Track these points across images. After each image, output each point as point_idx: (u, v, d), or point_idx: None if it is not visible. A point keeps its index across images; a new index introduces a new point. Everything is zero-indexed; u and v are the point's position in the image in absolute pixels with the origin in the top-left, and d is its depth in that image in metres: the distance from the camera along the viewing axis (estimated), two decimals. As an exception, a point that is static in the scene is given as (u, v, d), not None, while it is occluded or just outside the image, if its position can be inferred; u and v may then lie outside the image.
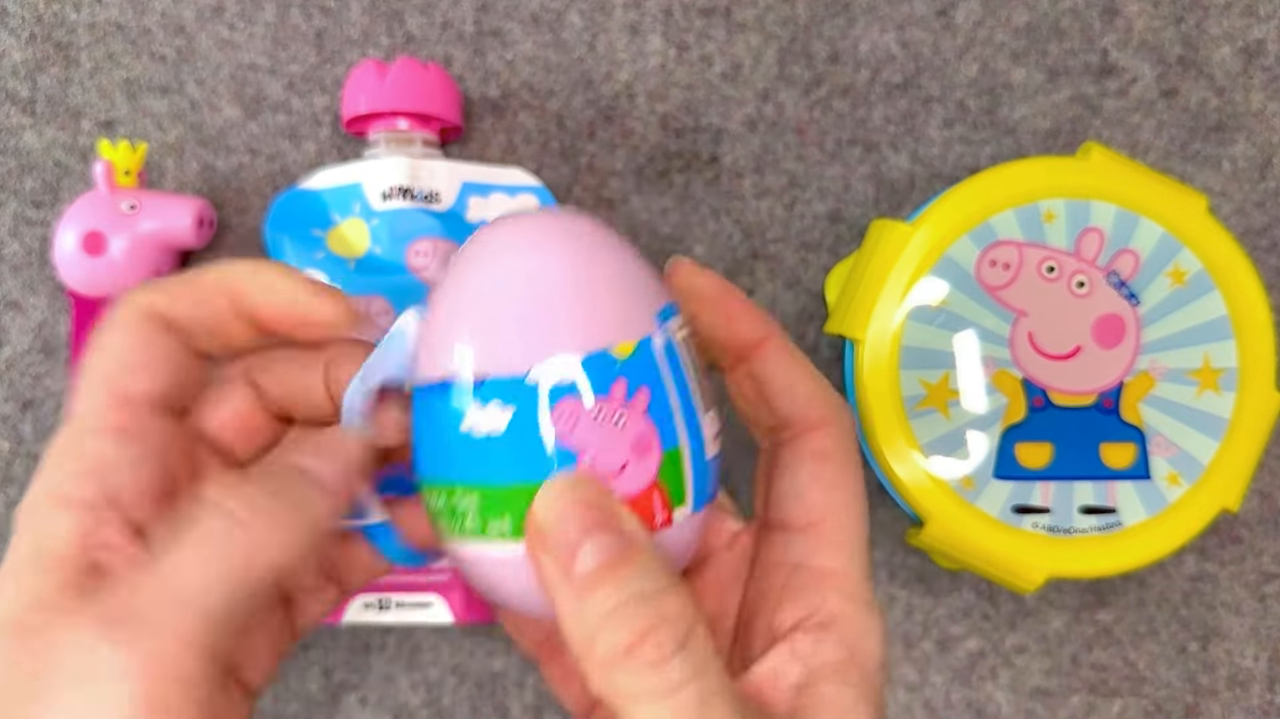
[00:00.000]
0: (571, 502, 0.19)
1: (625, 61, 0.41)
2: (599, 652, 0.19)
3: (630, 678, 0.19)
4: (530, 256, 0.22)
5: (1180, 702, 0.40)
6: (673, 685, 0.18)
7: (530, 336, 0.21)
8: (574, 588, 0.19)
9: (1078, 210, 0.34)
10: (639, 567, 0.19)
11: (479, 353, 0.21)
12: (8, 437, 0.40)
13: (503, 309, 0.21)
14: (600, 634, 0.19)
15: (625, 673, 0.19)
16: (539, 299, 0.21)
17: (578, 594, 0.19)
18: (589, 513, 0.19)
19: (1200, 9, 0.41)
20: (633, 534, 0.20)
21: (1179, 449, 0.34)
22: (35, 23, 0.41)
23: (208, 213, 0.39)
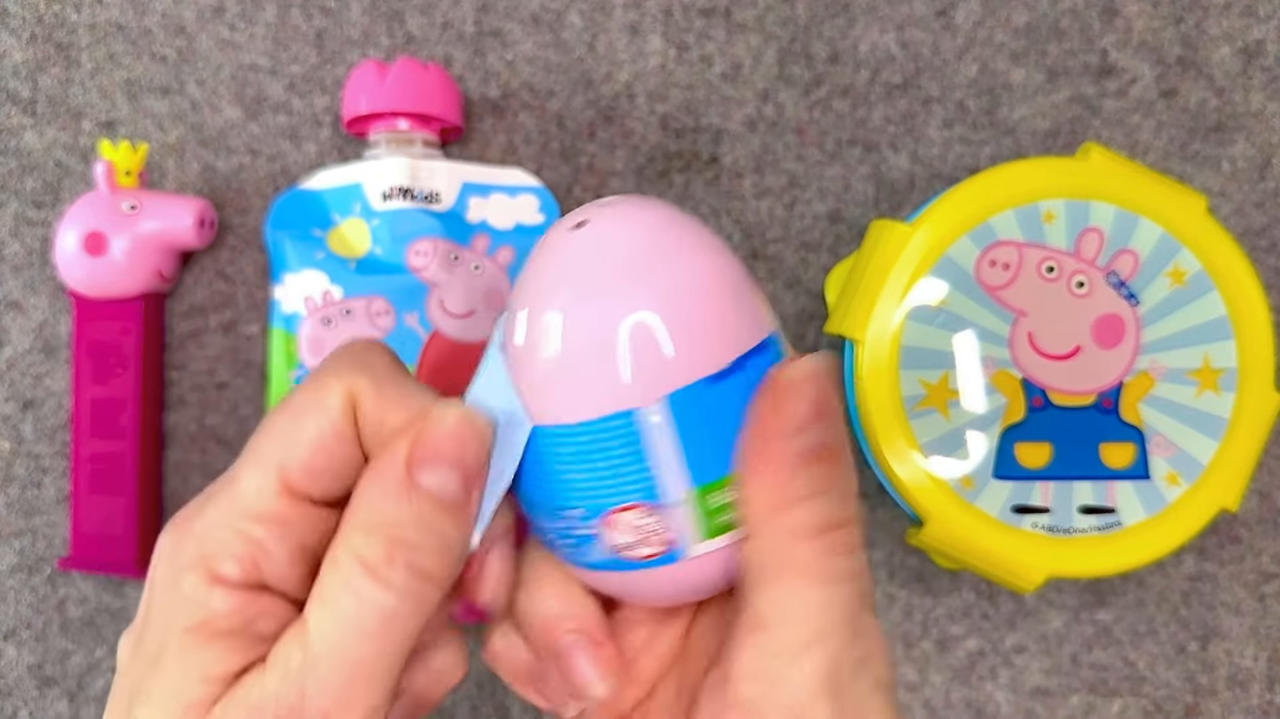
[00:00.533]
0: (821, 383, 0.20)
1: (625, 61, 0.41)
2: (788, 522, 0.20)
3: (810, 555, 0.20)
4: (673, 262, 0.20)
5: (1180, 701, 0.40)
6: (842, 575, 0.20)
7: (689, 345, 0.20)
8: (797, 452, 0.20)
9: (1077, 210, 0.34)
10: (847, 466, 0.20)
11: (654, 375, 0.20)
12: (8, 436, 0.40)
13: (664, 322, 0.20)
14: (804, 504, 0.20)
15: (810, 548, 0.20)
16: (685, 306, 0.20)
17: (800, 459, 0.20)
18: (828, 401, 0.20)
19: (1200, 9, 0.41)
20: (843, 441, 0.20)
21: (1178, 449, 0.34)
22: (36, 23, 0.41)
23: (208, 213, 0.40)
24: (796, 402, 0.20)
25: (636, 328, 0.20)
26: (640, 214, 0.21)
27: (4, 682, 0.40)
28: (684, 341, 0.20)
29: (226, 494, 0.21)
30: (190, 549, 0.20)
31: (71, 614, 0.40)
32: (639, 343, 0.20)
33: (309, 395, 0.21)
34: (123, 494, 0.39)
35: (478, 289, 0.39)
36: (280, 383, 0.39)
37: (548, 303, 0.20)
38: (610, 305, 0.20)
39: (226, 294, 0.41)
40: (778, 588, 0.20)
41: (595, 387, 0.20)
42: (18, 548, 0.40)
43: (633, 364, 0.20)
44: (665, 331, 0.20)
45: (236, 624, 0.20)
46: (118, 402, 0.39)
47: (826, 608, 0.20)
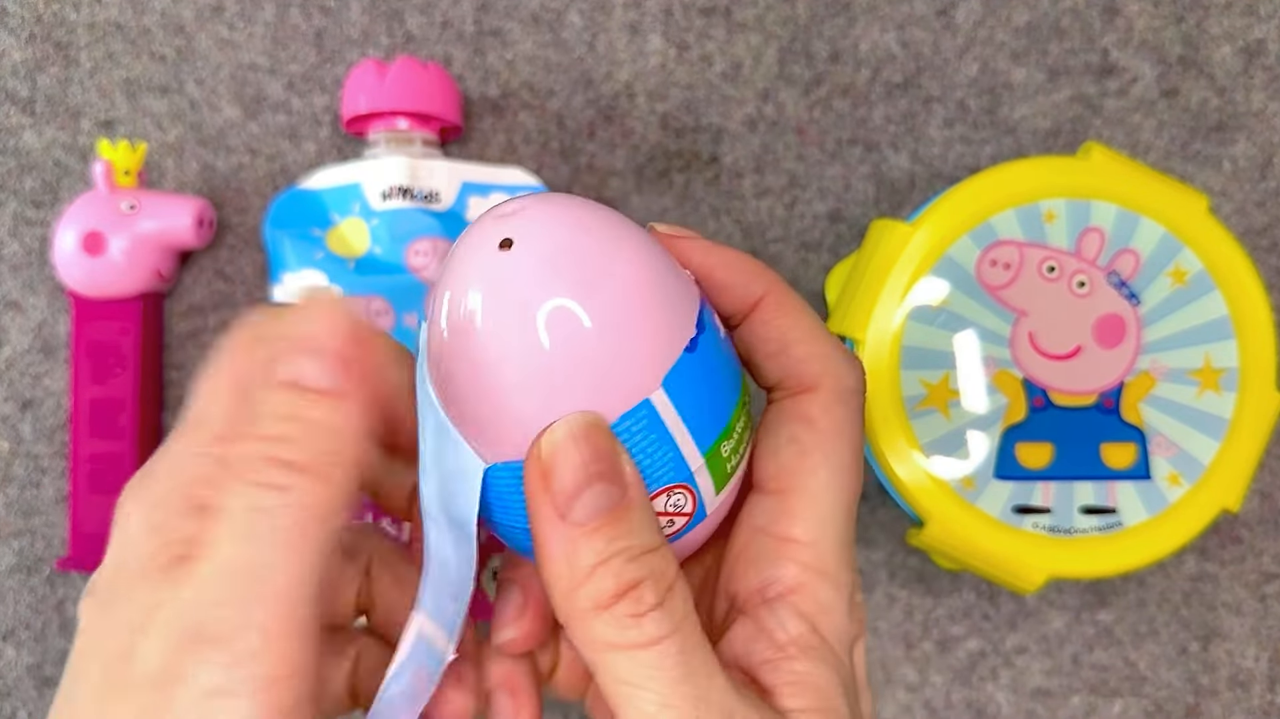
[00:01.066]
0: (580, 446, 0.19)
1: (625, 61, 0.41)
2: (581, 601, 0.19)
3: (609, 629, 0.19)
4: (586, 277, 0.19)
5: (1181, 702, 0.40)
6: (650, 638, 0.19)
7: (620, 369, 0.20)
8: (567, 534, 0.19)
9: (1078, 210, 0.34)
10: (632, 523, 0.19)
11: (649, 361, 0.20)
12: (8, 436, 0.40)
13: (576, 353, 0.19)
14: (586, 584, 0.19)
15: (604, 624, 0.19)
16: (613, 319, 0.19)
17: (569, 540, 0.19)
18: (595, 461, 0.19)
19: (1200, 9, 0.41)
20: (631, 487, 0.19)
21: (1179, 449, 0.34)
22: (35, 22, 0.41)
23: (208, 213, 0.39)
24: (561, 473, 0.19)
25: (619, 324, 0.19)
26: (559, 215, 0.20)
27: (3, 682, 0.40)
28: (660, 321, 0.20)
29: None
30: (164, 482, 0.20)
31: (71, 614, 0.40)
32: (627, 336, 0.19)
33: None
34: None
35: (477, 289, 0.39)
36: (279, 383, 0.39)
37: (504, 323, 0.19)
38: (581, 309, 0.19)
39: (226, 294, 0.41)
40: (602, 670, 0.19)
41: (609, 389, 0.19)
42: (17, 548, 0.40)
43: (628, 357, 0.19)
44: (645, 319, 0.20)
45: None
46: (117, 401, 0.39)
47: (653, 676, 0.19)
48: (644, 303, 0.19)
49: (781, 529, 0.22)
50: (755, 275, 0.22)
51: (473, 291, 0.19)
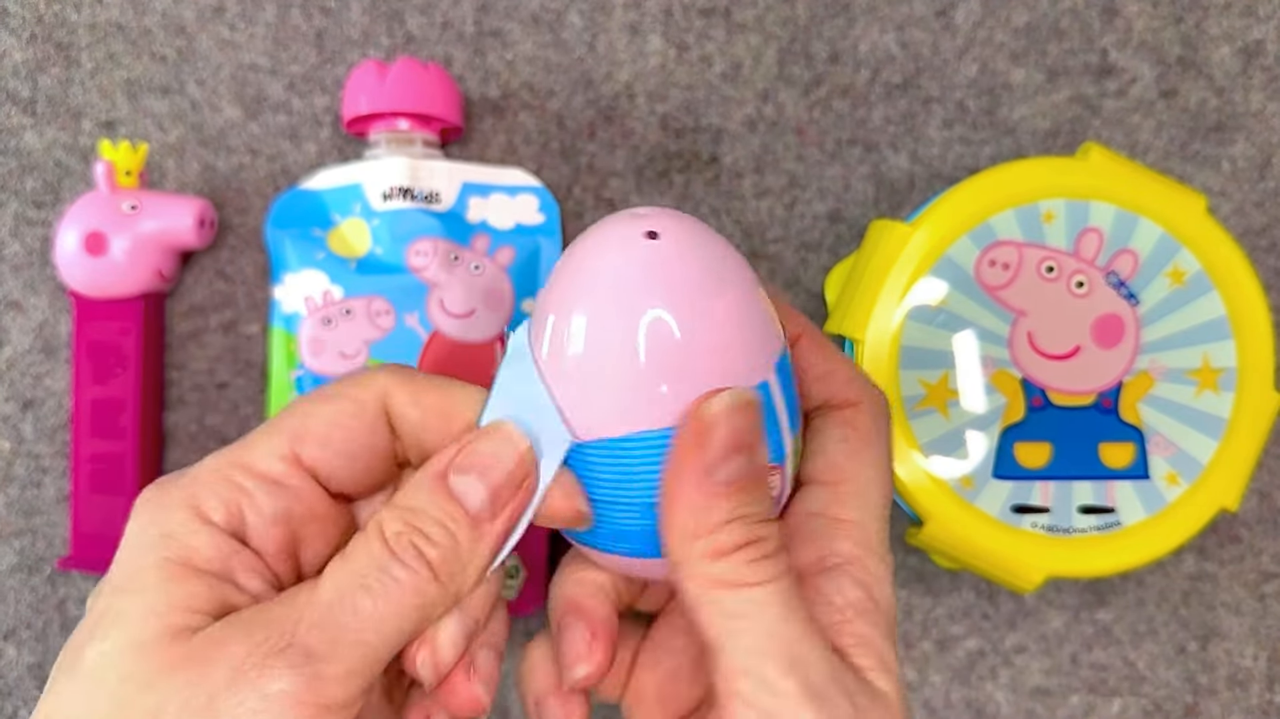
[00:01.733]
0: (738, 417, 0.21)
1: (625, 61, 0.41)
2: (703, 546, 0.21)
3: (726, 567, 0.21)
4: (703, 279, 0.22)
5: (1180, 701, 0.40)
6: (764, 577, 0.21)
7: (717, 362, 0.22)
8: (708, 490, 0.21)
9: (1077, 210, 0.34)
10: (759, 494, 0.22)
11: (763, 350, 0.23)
12: (8, 436, 0.40)
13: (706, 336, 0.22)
14: (717, 533, 0.21)
15: (722, 564, 0.21)
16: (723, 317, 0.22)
17: (712, 493, 0.21)
18: (746, 433, 0.21)
19: (1200, 9, 0.41)
20: (761, 462, 0.22)
21: (1178, 449, 0.34)
22: (36, 23, 0.41)
23: (208, 213, 0.40)
24: (716, 437, 0.21)
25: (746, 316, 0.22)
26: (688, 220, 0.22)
27: (4, 682, 0.40)
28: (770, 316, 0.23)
29: (229, 452, 0.22)
30: (176, 494, 0.21)
31: (71, 614, 0.40)
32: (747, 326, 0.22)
33: (339, 384, 0.23)
34: (123, 494, 0.39)
35: (478, 289, 0.39)
36: (280, 383, 0.39)
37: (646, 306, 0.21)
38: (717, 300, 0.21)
39: (226, 294, 0.41)
40: (709, 607, 0.21)
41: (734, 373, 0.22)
42: (18, 548, 0.40)
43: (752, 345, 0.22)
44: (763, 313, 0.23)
45: (216, 566, 0.21)
46: (118, 401, 0.39)
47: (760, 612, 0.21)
48: (761, 299, 0.23)
49: (835, 512, 0.24)
50: (789, 316, 0.25)
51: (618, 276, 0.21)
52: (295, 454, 0.22)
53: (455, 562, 0.22)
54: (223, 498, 0.22)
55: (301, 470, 0.22)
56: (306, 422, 0.22)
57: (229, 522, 0.22)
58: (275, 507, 0.22)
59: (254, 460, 0.22)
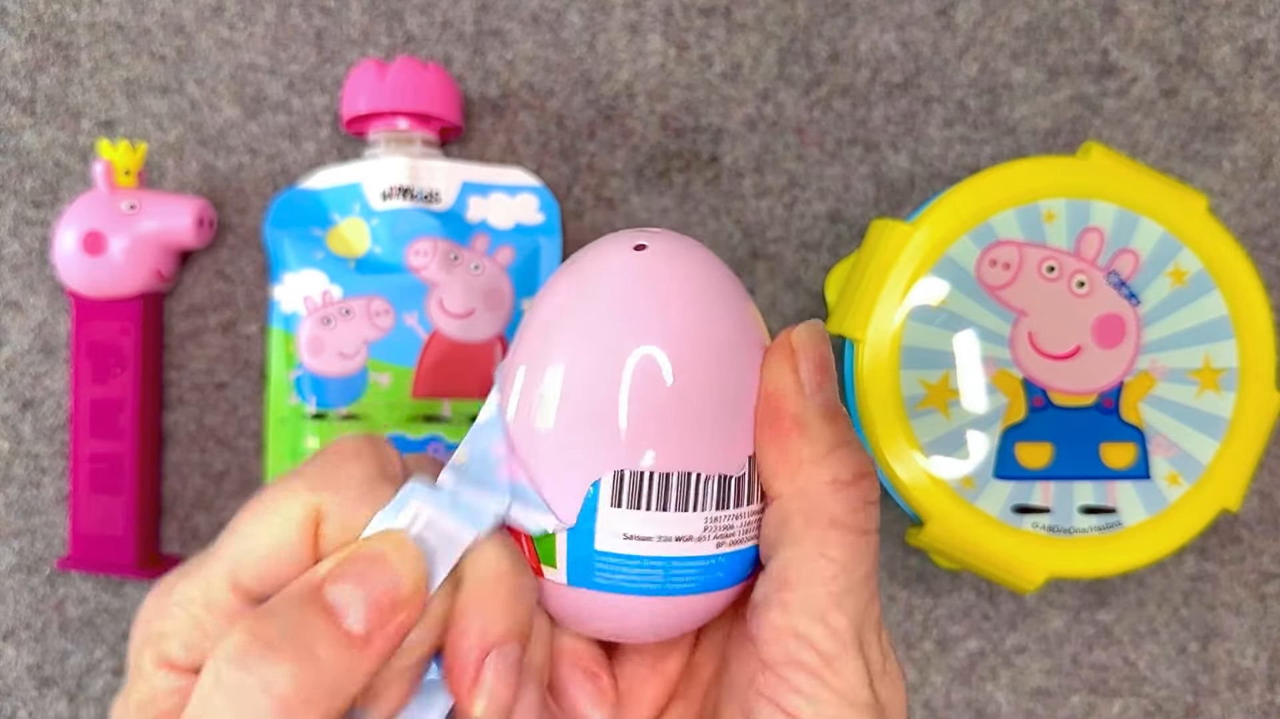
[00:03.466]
0: (824, 344, 0.21)
1: (625, 61, 0.41)
2: (820, 474, 0.21)
3: (841, 506, 0.20)
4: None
5: (1180, 702, 0.40)
6: (869, 527, 0.21)
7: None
8: (818, 409, 0.21)
9: (1078, 210, 0.34)
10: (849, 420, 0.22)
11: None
12: (7, 436, 0.40)
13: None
14: (831, 458, 0.21)
15: (839, 501, 0.20)
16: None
17: (822, 414, 0.21)
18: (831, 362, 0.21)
19: (1200, 9, 0.41)
20: None
21: (1179, 449, 0.34)
22: (35, 23, 0.41)
23: (208, 213, 0.39)
24: (809, 362, 0.21)
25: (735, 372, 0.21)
26: (690, 252, 0.22)
27: (3, 682, 0.40)
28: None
29: (195, 575, 0.20)
30: (154, 624, 0.20)
31: (71, 614, 0.40)
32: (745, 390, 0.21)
33: (275, 499, 0.20)
34: (122, 494, 0.39)
35: (477, 289, 0.39)
36: (279, 382, 0.39)
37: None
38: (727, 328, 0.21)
39: (226, 294, 0.41)
40: (807, 543, 0.20)
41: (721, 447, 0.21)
42: (17, 548, 0.40)
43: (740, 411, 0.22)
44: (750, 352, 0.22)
45: (175, 705, 0.20)
46: (117, 401, 0.39)
47: (855, 562, 0.20)
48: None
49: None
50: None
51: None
52: (237, 585, 0.20)
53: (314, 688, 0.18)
54: (183, 639, 0.20)
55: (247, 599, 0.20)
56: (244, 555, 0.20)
57: (189, 661, 0.20)
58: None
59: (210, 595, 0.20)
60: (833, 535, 0.20)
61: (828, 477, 0.20)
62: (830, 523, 0.20)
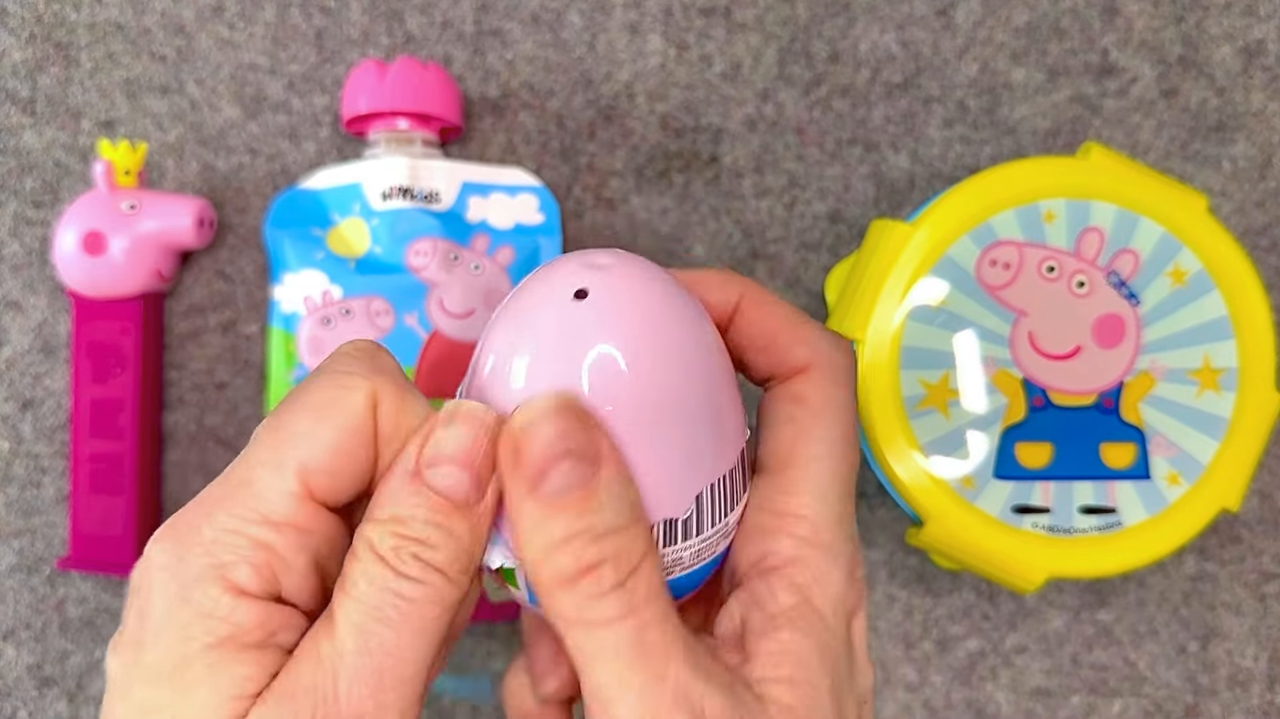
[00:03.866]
0: (553, 422, 0.19)
1: (625, 61, 0.41)
2: (545, 574, 0.20)
3: (570, 604, 0.20)
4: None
5: (1180, 702, 0.40)
6: (607, 618, 0.20)
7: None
8: (536, 508, 0.20)
9: (1078, 210, 0.34)
10: (600, 500, 0.20)
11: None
12: (8, 436, 0.40)
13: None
14: (550, 558, 0.20)
15: (567, 598, 0.20)
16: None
17: (538, 515, 0.20)
18: (567, 437, 0.19)
19: (1200, 9, 0.41)
20: (605, 463, 0.20)
21: (1179, 449, 0.34)
22: (35, 23, 0.41)
23: (208, 213, 0.39)
24: (531, 450, 0.19)
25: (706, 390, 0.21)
26: (635, 286, 0.21)
27: (3, 682, 0.40)
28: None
29: (239, 498, 0.20)
30: (199, 559, 0.20)
31: (71, 614, 0.40)
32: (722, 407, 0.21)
33: (331, 394, 0.21)
34: (122, 494, 0.39)
35: (477, 289, 0.39)
36: (279, 383, 0.39)
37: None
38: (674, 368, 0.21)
39: (226, 294, 0.41)
40: (565, 640, 0.20)
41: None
42: (17, 548, 0.40)
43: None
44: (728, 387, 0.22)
45: (261, 637, 0.20)
46: (117, 401, 0.39)
47: (608, 653, 0.20)
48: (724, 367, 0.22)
49: (779, 504, 0.22)
50: (728, 280, 0.24)
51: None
52: (307, 489, 0.20)
53: (463, 555, 0.20)
54: (252, 562, 0.20)
55: (315, 505, 0.21)
56: (314, 452, 0.20)
57: (264, 587, 0.20)
58: (304, 557, 0.20)
59: (271, 509, 0.20)
60: (577, 634, 0.20)
61: (553, 578, 0.20)
62: (568, 624, 0.20)
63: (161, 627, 0.20)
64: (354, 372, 0.21)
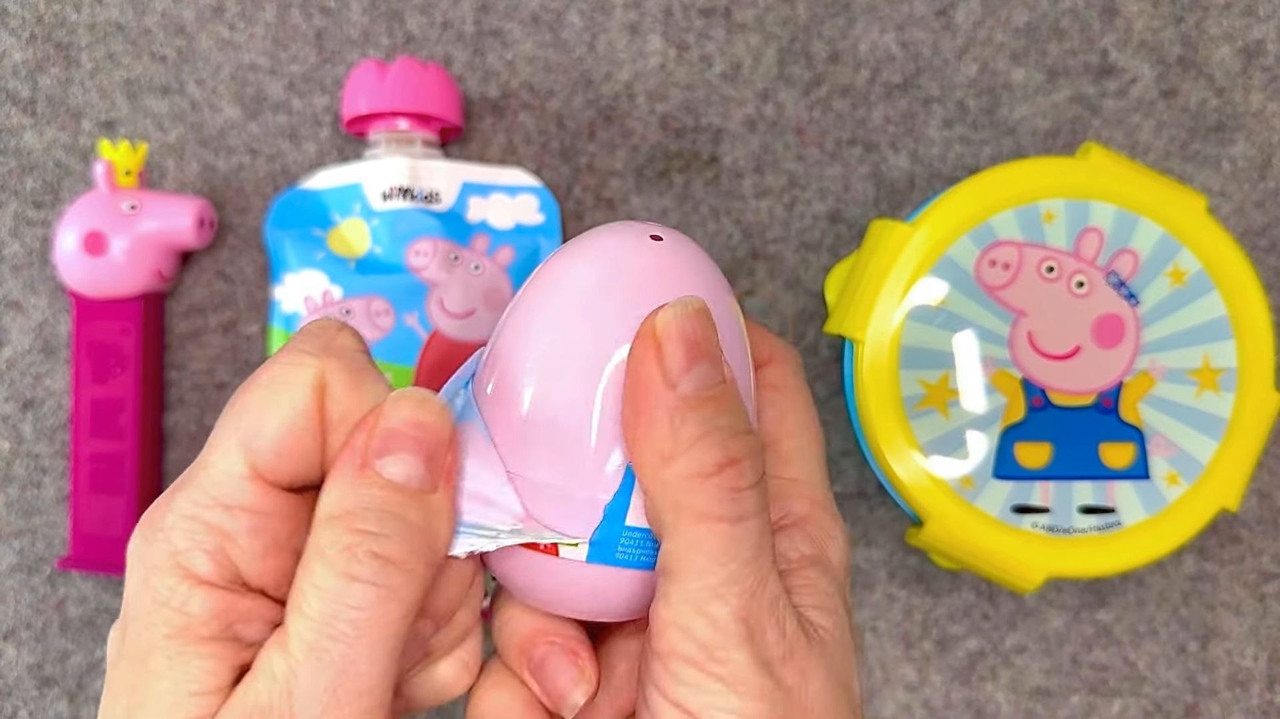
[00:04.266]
0: (695, 324, 0.20)
1: (625, 61, 0.41)
2: (680, 468, 0.20)
3: (706, 499, 0.20)
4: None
5: (1180, 702, 0.40)
6: (744, 513, 0.20)
7: None
8: (675, 404, 0.20)
9: (1077, 210, 0.34)
10: (733, 402, 0.20)
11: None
12: (8, 436, 0.40)
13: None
14: (689, 452, 0.20)
15: (703, 493, 0.20)
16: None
17: (678, 410, 0.20)
18: (704, 341, 0.20)
19: (1200, 9, 0.41)
20: (729, 372, 0.21)
21: (1178, 449, 0.34)
22: (35, 23, 0.41)
23: (208, 213, 0.40)
24: (673, 346, 0.20)
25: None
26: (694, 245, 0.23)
27: (4, 682, 0.40)
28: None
29: (196, 482, 0.20)
30: (159, 546, 0.19)
31: (71, 614, 0.40)
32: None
33: (277, 372, 0.20)
34: (122, 494, 0.39)
35: (477, 289, 0.39)
36: (280, 383, 0.39)
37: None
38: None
39: (226, 294, 0.41)
40: (679, 537, 0.20)
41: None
42: (17, 548, 0.40)
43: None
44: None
45: (218, 629, 0.19)
46: (117, 402, 0.39)
47: (730, 552, 0.20)
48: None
49: (780, 472, 0.24)
50: None
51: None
52: (255, 470, 0.20)
53: (422, 546, 0.20)
54: (205, 548, 0.19)
55: (266, 486, 0.20)
56: (260, 429, 0.20)
57: (220, 574, 0.20)
58: (260, 540, 0.20)
59: (222, 492, 0.20)
60: (702, 529, 0.20)
61: (689, 470, 0.20)
62: (697, 517, 0.20)
63: (133, 614, 0.20)
64: (305, 350, 0.20)
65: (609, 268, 0.21)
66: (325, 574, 0.19)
